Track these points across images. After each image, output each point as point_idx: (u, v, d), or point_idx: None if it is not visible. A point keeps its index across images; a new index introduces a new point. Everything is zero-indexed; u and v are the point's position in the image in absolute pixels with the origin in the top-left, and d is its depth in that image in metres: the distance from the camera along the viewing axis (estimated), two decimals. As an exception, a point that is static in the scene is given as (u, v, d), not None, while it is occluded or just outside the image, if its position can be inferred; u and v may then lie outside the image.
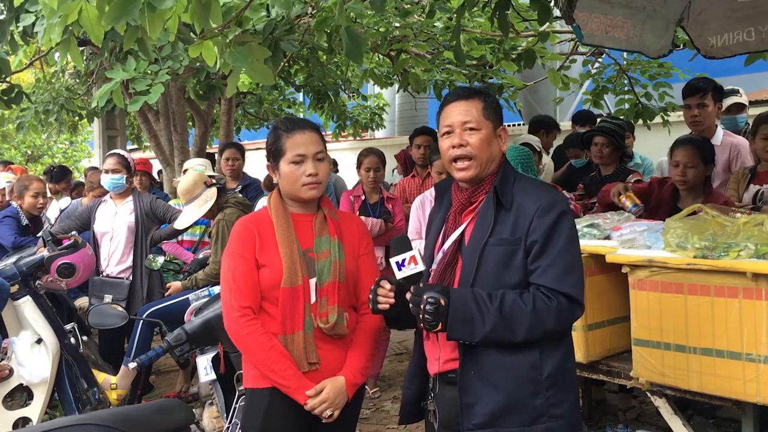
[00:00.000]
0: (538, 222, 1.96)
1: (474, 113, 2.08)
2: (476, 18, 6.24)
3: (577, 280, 1.99)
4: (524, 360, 1.97)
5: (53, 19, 2.34)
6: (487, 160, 2.08)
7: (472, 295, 1.96)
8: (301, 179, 2.31)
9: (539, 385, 1.97)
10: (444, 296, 1.94)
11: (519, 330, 1.93)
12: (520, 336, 1.94)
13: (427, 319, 1.94)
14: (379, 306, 2.06)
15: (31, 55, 6.03)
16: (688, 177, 3.58)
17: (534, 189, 2.07)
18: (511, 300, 1.94)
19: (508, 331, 1.93)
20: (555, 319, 1.94)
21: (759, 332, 2.54)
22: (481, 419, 1.99)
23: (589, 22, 3.56)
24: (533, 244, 1.97)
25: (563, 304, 1.95)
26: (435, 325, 1.94)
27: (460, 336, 1.97)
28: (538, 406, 1.96)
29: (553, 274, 1.95)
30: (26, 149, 18.46)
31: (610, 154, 4.46)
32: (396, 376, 5.40)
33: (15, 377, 3.72)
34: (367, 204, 5.02)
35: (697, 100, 4.21)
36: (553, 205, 1.99)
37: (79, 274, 3.96)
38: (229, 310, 2.30)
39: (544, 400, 1.97)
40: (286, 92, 9.88)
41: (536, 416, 1.96)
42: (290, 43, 3.80)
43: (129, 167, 4.84)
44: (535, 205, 1.98)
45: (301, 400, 2.25)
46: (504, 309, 1.93)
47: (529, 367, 1.97)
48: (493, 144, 2.09)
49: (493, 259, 2.00)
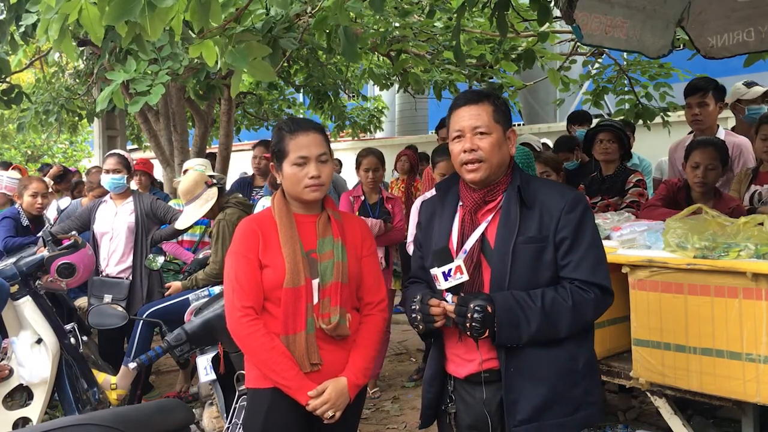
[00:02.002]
0: (566, 219, 2.03)
1: (484, 117, 2.11)
2: (476, 18, 6.24)
3: (607, 271, 2.07)
4: (563, 353, 2.04)
5: (50, 14, 2.33)
6: (498, 164, 2.12)
7: (514, 299, 2.00)
8: (303, 181, 2.31)
9: (577, 375, 2.05)
10: (490, 303, 1.98)
11: (562, 326, 2.01)
12: (564, 331, 2.01)
13: (474, 327, 1.98)
14: (435, 325, 2.09)
15: (31, 55, 6.05)
16: (709, 179, 3.57)
17: (554, 187, 2.15)
18: (551, 298, 2.00)
19: (552, 329, 2.01)
20: (593, 310, 2.04)
21: (759, 332, 2.55)
22: (525, 414, 2.02)
23: (589, 22, 3.56)
24: (563, 241, 2.03)
25: (598, 295, 2.03)
26: (483, 332, 1.99)
27: (508, 340, 2.01)
28: (578, 396, 2.05)
29: (586, 267, 2.02)
30: (26, 149, 18.47)
31: (616, 150, 4.39)
32: (396, 376, 5.40)
33: (15, 377, 3.71)
34: (367, 204, 5.02)
35: (698, 99, 4.20)
36: (578, 202, 2.06)
37: (79, 274, 3.96)
38: (231, 310, 2.30)
39: (582, 389, 2.05)
40: (286, 92, 9.88)
41: (576, 406, 2.05)
42: (289, 41, 3.80)
43: (129, 167, 4.84)
44: (561, 203, 2.05)
45: (303, 400, 2.25)
46: (546, 308, 1.99)
47: (568, 359, 2.04)
48: (503, 147, 2.13)
49: (524, 258, 2.04)
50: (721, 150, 3.63)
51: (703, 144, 3.67)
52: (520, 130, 9.79)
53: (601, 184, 4.47)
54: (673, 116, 6.14)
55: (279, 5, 3.24)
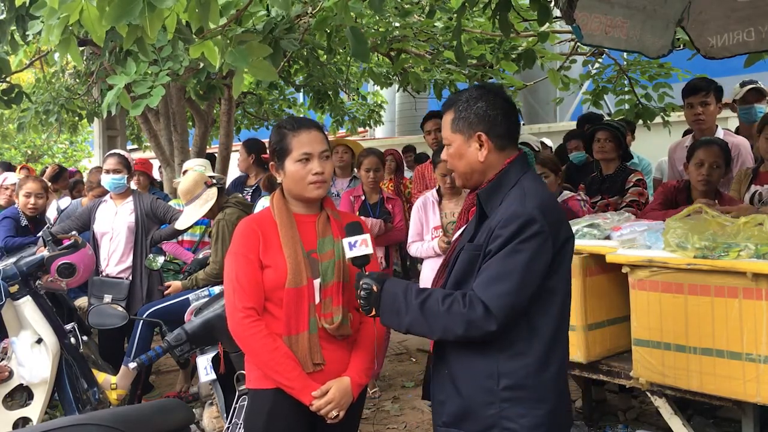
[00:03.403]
0: (498, 232, 1.92)
1: (446, 129, 2.09)
2: (476, 18, 6.24)
3: (502, 291, 1.87)
4: (482, 368, 1.95)
5: (53, 20, 2.34)
6: (464, 171, 2.07)
7: (403, 287, 2.01)
8: (307, 177, 2.31)
9: (494, 395, 1.93)
10: (378, 284, 2.02)
11: (435, 328, 1.95)
12: (436, 334, 1.97)
13: (361, 303, 2.05)
14: None
15: (31, 55, 6.04)
16: (713, 177, 3.58)
17: (513, 199, 1.97)
18: (434, 299, 1.96)
19: (425, 328, 1.96)
20: (464, 326, 1.89)
21: (759, 332, 2.55)
22: (448, 418, 2.02)
23: (588, 22, 3.56)
24: (488, 253, 1.94)
25: (478, 313, 1.87)
26: (369, 310, 2.04)
27: (390, 324, 2.04)
28: (491, 416, 1.93)
29: (482, 279, 1.91)
30: (26, 149, 18.47)
31: (613, 149, 4.45)
32: (396, 376, 5.40)
33: (15, 377, 3.72)
34: (367, 204, 5.02)
35: (701, 99, 4.22)
36: (516, 218, 1.90)
37: (79, 274, 3.96)
38: (232, 311, 2.29)
39: (498, 410, 1.92)
40: (286, 92, 9.88)
41: (488, 426, 1.93)
42: (290, 41, 3.80)
43: (130, 167, 4.85)
44: (501, 216, 1.94)
45: (306, 401, 2.25)
46: (424, 306, 1.95)
47: (486, 375, 1.94)
48: (466, 155, 2.05)
49: (462, 263, 2.03)
50: (725, 150, 3.65)
51: (707, 143, 3.68)
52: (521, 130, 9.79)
53: (602, 184, 4.49)
54: (673, 116, 6.15)
55: (280, 6, 3.24)
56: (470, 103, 2.05)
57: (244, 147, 6.03)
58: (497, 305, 1.86)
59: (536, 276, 1.89)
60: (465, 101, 2.06)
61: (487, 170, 2.04)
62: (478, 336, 1.90)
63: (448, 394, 2.03)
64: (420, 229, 4.38)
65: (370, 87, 10.59)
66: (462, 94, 2.10)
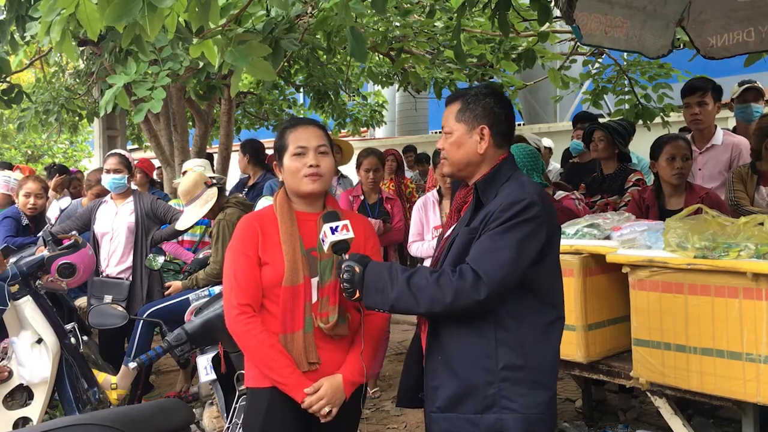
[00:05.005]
0: (498, 214, 1.99)
1: (449, 118, 2.16)
2: (476, 18, 6.24)
3: (495, 263, 1.93)
4: (479, 348, 2.00)
5: (52, 16, 2.33)
6: (460, 161, 2.14)
7: (387, 266, 2.05)
8: (302, 170, 2.30)
9: (493, 374, 1.99)
10: (360, 265, 2.04)
11: (421, 301, 1.97)
12: (423, 306, 1.98)
13: (345, 287, 2.06)
14: None
15: (31, 55, 6.04)
16: (686, 170, 3.64)
17: (512, 188, 2.05)
18: (421, 274, 2.00)
19: (412, 302, 1.98)
20: (452, 294, 1.93)
21: (759, 332, 2.55)
22: (442, 403, 2.05)
23: (588, 23, 3.56)
24: (486, 231, 2.01)
25: (467, 280, 1.92)
26: (353, 292, 2.04)
27: (374, 304, 2.04)
28: (491, 395, 1.99)
29: (475, 251, 1.98)
30: (26, 149, 18.47)
31: (605, 148, 4.53)
32: (396, 376, 5.40)
33: (15, 377, 3.72)
34: (366, 204, 5.03)
35: (698, 99, 4.22)
36: (518, 201, 1.99)
37: (79, 274, 3.95)
38: (229, 307, 2.30)
39: (497, 390, 1.98)
40: (286, 92, 9.89)
41: (488, 405, 1.99)
42: (290, 42, 3.80)
43: (130, 167, 4.85)
44: (501, 201, 2.02)
45: (299, 398, 2.24)
46: (411, 281, 1.99)
47: (485, 355, 2.00)
48: (465, 144, 2.12)
49: (458, 247, 2.08)
50: (688, 143, 3.76)
51: (673, 138, 3.78)
52: (520, 129, 9.79)
53: (602, 183, 4.51)
54: (672, 116, 6.15)
55: (279, 6, 3.24)
56: (479, 98, 2.14)
57: (240, 148, 6.04)
58: (489, 274, 1.92)
59: (529, 255, 1.96)
60: (474, 95, 2.15)
61: (482, 163, 2.13)
62: (467, 305, 1.94)
63: (441, 379, 2.06)
64: (420, 229, 4.39)
65: (371, 87, 10.59)
66: (471, 89, 2.19)
